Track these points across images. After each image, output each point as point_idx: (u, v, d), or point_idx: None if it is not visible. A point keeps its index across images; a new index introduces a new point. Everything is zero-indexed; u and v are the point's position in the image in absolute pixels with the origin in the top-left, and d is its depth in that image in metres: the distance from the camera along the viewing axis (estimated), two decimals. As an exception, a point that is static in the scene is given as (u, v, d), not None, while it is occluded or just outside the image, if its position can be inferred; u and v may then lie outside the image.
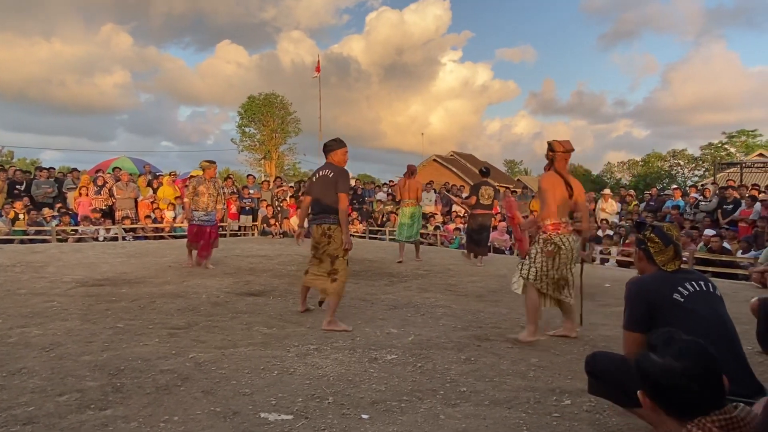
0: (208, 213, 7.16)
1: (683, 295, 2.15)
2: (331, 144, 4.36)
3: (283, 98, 32.59)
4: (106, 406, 2.50)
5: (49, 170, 11.95)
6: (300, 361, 3.25)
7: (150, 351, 3.37)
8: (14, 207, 10.20)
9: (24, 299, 4.84)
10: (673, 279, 2.23)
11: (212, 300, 5.04)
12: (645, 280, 2.30)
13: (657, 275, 2.30)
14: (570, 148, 3.94)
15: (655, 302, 2.17)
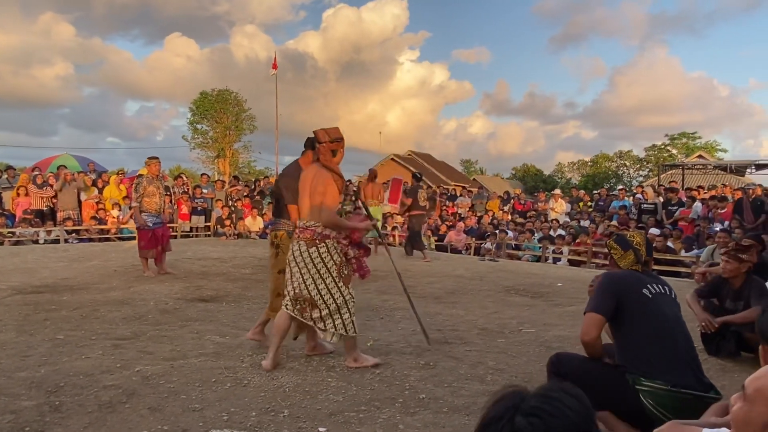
0: (159, 215, 6.78)
1: (651, 292, 2.28)
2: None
3: (237, 94, 31.79)
4: (43, 428, 2.32)
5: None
6: (254, 372, 3.14)
7: (92, 365, 3.18)
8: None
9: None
10: (642, 277, 2.35)
11: (160, 307, 4.82)
12: (617, 274, 2.42)
13: (628, 272, 2.41)
14: (337, 136, 3.24)
15: (625, 295, 2.27)
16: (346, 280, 3.23)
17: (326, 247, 3.16)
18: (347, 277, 3.25)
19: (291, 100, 63.87)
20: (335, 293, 3.17)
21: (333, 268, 3.17)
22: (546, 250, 10.36)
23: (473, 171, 58.00)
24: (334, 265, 3.17)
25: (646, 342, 2.18)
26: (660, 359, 2.14)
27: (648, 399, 2.10)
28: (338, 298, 3.17)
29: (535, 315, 4.99)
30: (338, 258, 3.20)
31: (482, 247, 11.15)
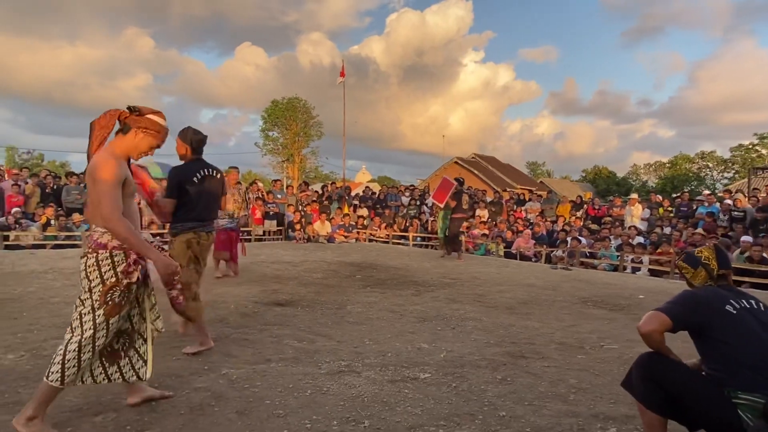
0: (233, 219, 7.16)
1: (735, 307, 2.14)
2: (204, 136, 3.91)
3: (305, 102, 32.80)
4: (142, 427, 2.48)
5: (79, 176, 12.19)
6: (332, 380, 3.20)
7: (182, 366, 3.36)
8: (46, 212, 10.43)
9: (57, 308, 4.90)
10: (721, 293, 2.22)
11: (240, 310, 5.04)
12: (696, 292, 2.28)
13: (709, 288, 2.29)
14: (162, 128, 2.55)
15: (706, 313, 2.14)
16: (111, 309, 2.37)
17: (95, 259, 2.37)
18: (113, 306, 2.38)
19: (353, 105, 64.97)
20: (87, 323, 2.36)
21: (97, 288, 2.36)
22: (624, 259, 9.84)
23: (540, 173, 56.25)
24: (101, 284, 2.36)
25: (740, 356, 2.04)
26: (757, 372, 1.99)
27: (746, 413, 1.96)
28: (87, 328, 2.35)
29: (617, 330, 4.75)
30: (111, 277, 2.37)
31: (553, 255, 10.78)
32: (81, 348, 2.34)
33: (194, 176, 3.78)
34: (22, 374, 3.12)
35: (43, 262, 7.76)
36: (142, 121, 2.47)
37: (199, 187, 3.78)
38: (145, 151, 2.53)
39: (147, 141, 2.50)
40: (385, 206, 14.92)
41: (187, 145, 3.84)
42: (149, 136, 2.50)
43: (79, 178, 11.96)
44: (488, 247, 11.89)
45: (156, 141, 2.53)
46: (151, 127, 2.49)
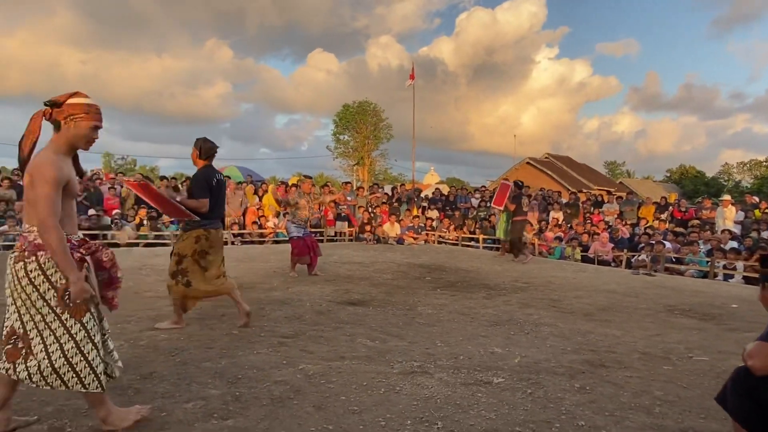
0: (304, 227, 7.48)
1: None
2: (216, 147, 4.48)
3: (375, 105, 33.27)
4: (228, 415, 2.64)
5: (168, 179, 13.12)
6: (405, 380, 3.23)
7: (263, 360, 3.53)
8: (139, 214, 11.31)
9: (150, 302, 5.31)
10: None
11: (315, 308, 5.21)
12: None
13: None
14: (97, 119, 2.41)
15: None
16: (76, 310, 2.27)
17: (37, 263, 2.23)
18: (78, 308, 2.27)
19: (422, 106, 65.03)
20: (58, 332, 2.25)
21: (50, 293, 2.23)
22: (715, 265, 9.13)
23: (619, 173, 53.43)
24: (52, 288, 2.23)
25: None
26: None
27: None
28: (62, 337, 2.25)
29: (707, 340, 4.43)
30: (60, 279, 2.24)
31: (635, 260, 10.21)
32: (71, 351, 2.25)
33: (212, 181, 4.33)
34: (122, 362, 3.40)
35: (137, 259, 8.42)
36: (65, 110, 2.32)
37: (213, 191, 4.32)
38: (89, 135, 2.37)
39: (82, 125, 2.34)
40: (454, 208, 14.80)
41: (196, 150, 4.39)
42: (80, 120, 2.34)
43: (168, 181, 12.86)
44: (564, 251, 11.47)
45: (90, 121, 2.36)
46: (76, 111, 2.33)
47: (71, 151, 2.38)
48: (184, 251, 4.31)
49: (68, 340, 2.25)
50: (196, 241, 4.31)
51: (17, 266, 2.24)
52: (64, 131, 2.33)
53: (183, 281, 4.30)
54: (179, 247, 4.36)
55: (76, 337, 2.27)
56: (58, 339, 2.25)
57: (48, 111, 2.34)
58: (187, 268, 4.30)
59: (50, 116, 2.34)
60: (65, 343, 2.25)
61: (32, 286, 2.22)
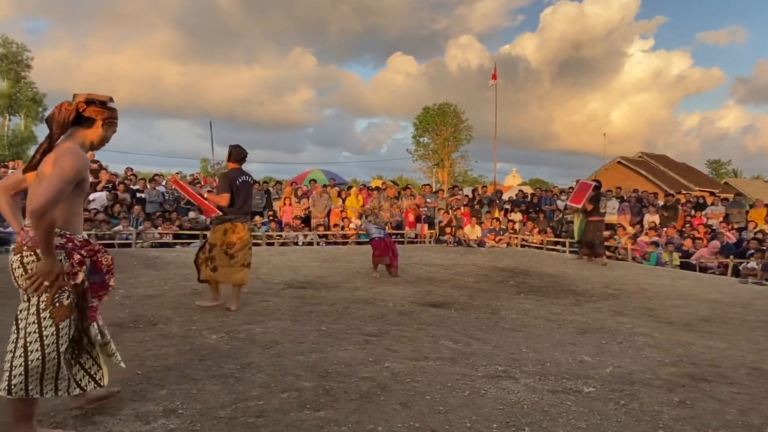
0: (383, 228, 7.64)
1: None
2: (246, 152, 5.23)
3: (456, 107, 33.06)
4: (320, 407, 2.79)
5: (260, 183, 13.91)
6: (490, 383, 3.22)
7: (350, 356, 3.67)
8: (234, 215, 12.10)
9: (246, 297, 5.66)
10: None
11: (398, 309, 5.30)
12: None
13: None
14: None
15: None
16: (57, 313, 2.22)
17: (36, 257, 2.20)
18: (59, 310, 2.22)
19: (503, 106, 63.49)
20: (29, 327, 2.19)
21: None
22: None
23: (724, 173, 49.00)
24: None
25: None
26: None
27: None
28: (30, 336, 2.19)
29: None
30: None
31: (743, 267, 9.34)
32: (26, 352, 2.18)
33: (236, 181, 5.05)
34: (224, 352, 3.70)
35: (232, 258, 9.02)
36: (106, 112, 2.36)
37: (240, 189, 5.04)
38: (105, 142, 2.42)
39: (111, 130, 2.41)
40: (538, 210, 14.35)
41: (227, 154, 5.21)
42: (113, 125, 2.41)
43: (260, 185, 13.62)
44: (661, 257, 10.74)
45: (114, 128, 2.43)
46: (114, 116, 2.40)
47: (90, 149, 2.40)
48: (214, 241, 5.03)
49: (36, 339, 2.18)
50: (224, 233, 4.99)
51: (14, 258, 2.22)
52: (95, 130, 2.34)
53: (211, 266, 5.01)
54: (211, 237, 5.10)
55: (45, 340, 2.19)
56: (26, 336, 2.18)
57: (83, 106, 2.31)
58: (215, 256, 4.98)
59: (84, 111, 2.31)
60: (30, 344, 2.18)
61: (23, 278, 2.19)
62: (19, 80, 28.36)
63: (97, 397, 2.63)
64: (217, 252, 4.99)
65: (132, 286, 6.09)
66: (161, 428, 2.48)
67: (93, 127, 2.35)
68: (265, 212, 12.63)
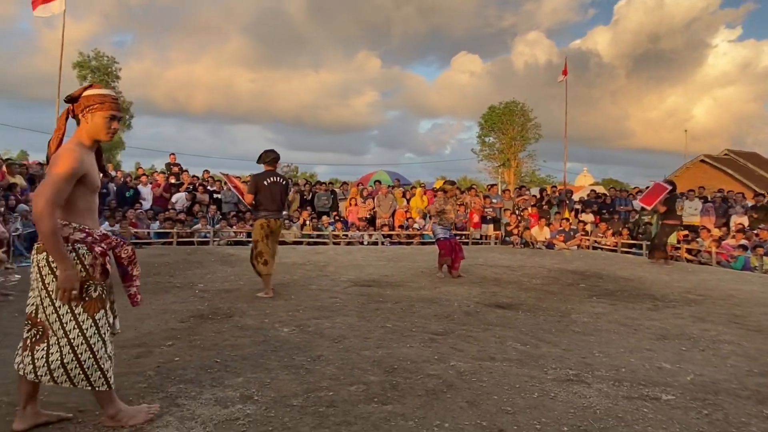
0: (448, 229, 7.59)
1: None
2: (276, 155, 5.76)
3: (523, 105, 32.22)
4: (387, 401, 2.84)
5: (326, 184, 14.27)
6: (560, 387, 3.14)
7: (416, 353, 3.70)
8: (302, 215, 12.48)
9: (314, 294, 5.85)
10: None
11: (463, 309, 5.27)
12: None
13: None
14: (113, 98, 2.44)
15: None
16: (90, 306, 2.27)
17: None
18: (90, 303, 2.27)
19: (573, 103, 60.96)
20: (69, 325, 2.23)
21: None
22: None
23: (828, 172, 44.48)
24: None
25: None
26: None
27: None
28: (72, 332, 2.23)
29: None
30: (80, 272, 2.26)
31: None
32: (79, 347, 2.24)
33: (265, 181, 5.63)
34: (295, 345, 3.85)
35: (302, 256, 9.32)
36: (81, 103, 2.35)
37: (268, 189, 5.61)
38: (107, 126, 2.37)
39: (99, 116, 2.34)
40: (612, 211, 13.69)
41: (259, 157, 5.75)
42: (96, 110, 2.34)
43: (326, 186, 13.98)
44: (749, 261, 9.94)
45: (106, 111, 2.35)
46: (91, 103, 2.34)
47: (93, 144, 2.39)
48: (256, 237, 5.66)
49: (78, 335, 2.23)
50: (260, 227, 5.61)
51: (39, 257, 2.24)
52: (83, 124, 2.35)
53: (262, 261, 5.58)
54: (253, 235, 5.74)
55: (86, 333, 2.24)
56: (68, 333, 2.23)
57: (70, 108, 2.37)
58: (261, 251, 5.58)
59: (72, 112, 2.38)
60: (74, 339, 2.23)
61: (52, 276, 2.21)
62: (110, 90, 30.79)
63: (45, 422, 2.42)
64: (262, 246, 5.59)
65: (210, 281, 6.46)
66: (238, 412, 2.63)
67: (82, 122, 2.35)
68: (331, 213, 12.94)
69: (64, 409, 2.56)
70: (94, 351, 2.26)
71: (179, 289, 5.92)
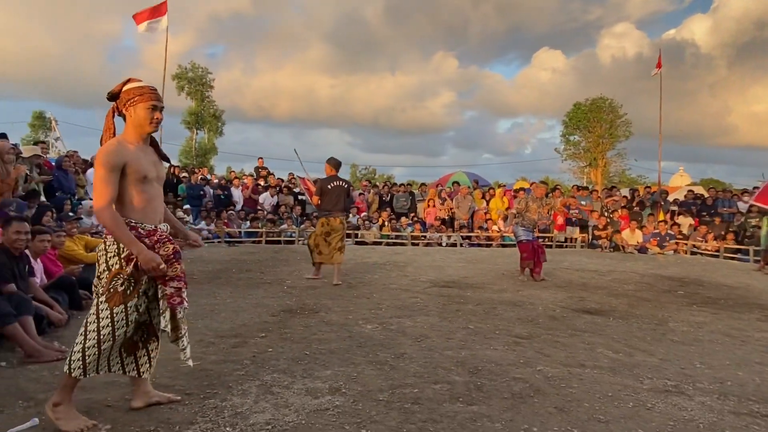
0: (531, 231, 7.34)
1: None
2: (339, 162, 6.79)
3: (612, 101, 30.48)
4: (472, 401, 2.83)
5: (404, 186, 14.38)
6: (657, 398, 2.96)
7: (500, 356, 3.65)
8: (382, 216, 12.67)
9: (396, 293, 5.93)
10: None
11: (549, 313, 5.11)
12: None
13: None
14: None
15: None
16: (112, 298, 2.32)
17: (104, 244, 2.39)
18: (113, 296, 2.32)
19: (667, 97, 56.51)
20: (91, 310, 2.37)
21: (104, 274, 2.36)
22: None
23: None
24: (107, 270, 2.35)
25: None
26: None
27: None
28: (90, 316, 2.35)
29: None
30: (116, 264, 2.34)
31: None
32: (100, 340, 2.31)
33: (329, 185, 6.51)
34: (378, 342, 3.93)
35: (381, 256, 9.47)
36: (122, 98, 2.41)
37: (332, 191, 6.49)
38: (149, 116, 2.41)
39: (140, 108, 2.39)
40: (713, 214, 12.60)
41: (330, 166, 6.69)
42: (137, 103, 2.39)
43: (405, 187, 14.08)
44: None
45: (146, 102, 2.40)
46: (132, 96, 2.39)
47: (139, 136, 2.43)
48: (316, 232, 6.64)
49: (93, 321, 2.33)
50: (321, 225, 6.56)
51: (100, 246, 2.43)
52: (128, 119, 2.41)
53: (317, 251, 6.55)
54: (315, 230, 6.71)
55: (101, 323, 2.32)
56: (87, 318, 2.36)
57: (114, 106, 2.43)
58: (318, 244, 6.53)
59: (118, 110, 2.44)
60: (89, 324, 2.34)
61: (97, 264, 2.42)
62: (204, 99, 33.02)
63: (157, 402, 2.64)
64: (320, 240, 6.51)
65: (296, 278, 6.75)
66: (328, 403, 2.74)
67: (127, 117, 2.42)
68: (409, 214, 13.01)
69: (172, 391, 2.81)
70: (101, 341, 2.31)
71: (269, 285, 6.25)
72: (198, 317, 4.46)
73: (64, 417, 2.32)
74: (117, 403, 2.64)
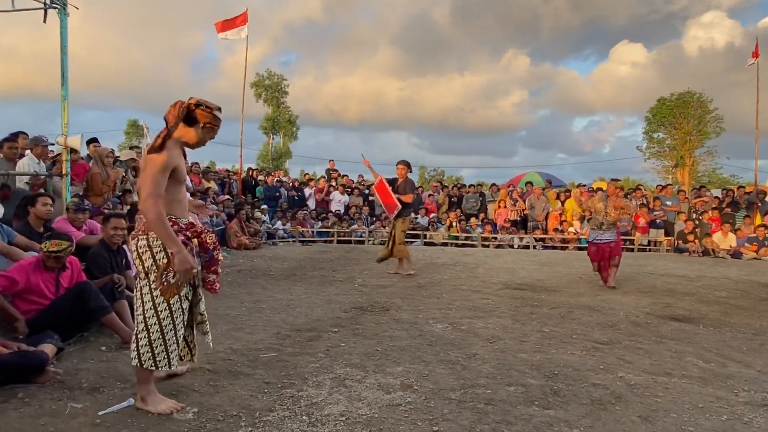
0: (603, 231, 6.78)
1: None
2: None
3: (700, 95, 28.26)
4: (549, 406, 2.74)
5: (475, 186, 14.17)
6: (755, 411, 2.73)
7: (578, 361, 3.51)
8: (450, 217, 12.56)
9: (466, 294, 5.86)
10: None
11: (631, 319, 4.84)
12: None
13: None
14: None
15: None
16: (166, 290, 2.43)
17: (146, 241, 2.44)
18: (167, 288, 2.43)
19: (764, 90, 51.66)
20: (146, 305, 2.45)
21: (151, 269, 2.44)
22: None
23: None
24: (154, 265, 2.43)
25: None
26: None
27: None
28: (147, 311, 2.45)
29: None
30: (163, 258, 2.43)
31: None
32: (163, 331, 2.46)
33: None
34: (449, 341, 3.90)
35: (451, 257, 9.38)
36: (209, 118, 2.52)
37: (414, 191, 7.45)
38: (202, 143, 2.57)
39: (205, 133, 2.55)
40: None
41: (407, 168, 7.39)
42: (208, 128, 2.54)
43: (474, 188, 13.88)
44: None
45: (212, 133, 2.58)
46: (209, 120, 2.53)
47: (184, 145, 2.59)
48: (401, 229, 7.17)
49: (152, 316, 2.45)
50: (402, 222, 7.15)
51: (132, 242, 2.51)
52: (195, 129, 2.52)
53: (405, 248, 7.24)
54: (399, 227, 7.15)
55: (160, 315, 2.46)
56: (145, 313, 2.46)
57: (193, 107, 2.50)
58: (401, 239, 7.12)
59: (191, 112, 2.51)
60: (149, 319, 2.46)
61: (140, 261, 2.47)
62: (279, 105, 34.33)
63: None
64: (402, 237, 7.21)
65: (367, 277, 6.85)
66: (400, 399, 2.76)
67: (194, 127, 2.52)
68: (479, 215, 12.79)
69: (253, 380, 2.95)
70: (164, 333, 2.47)
71: (341, 282, 6.38)
72: (275, 311, 4.65)
73: (153, 402, 2.49)
74: (203, 389, 2.81)
